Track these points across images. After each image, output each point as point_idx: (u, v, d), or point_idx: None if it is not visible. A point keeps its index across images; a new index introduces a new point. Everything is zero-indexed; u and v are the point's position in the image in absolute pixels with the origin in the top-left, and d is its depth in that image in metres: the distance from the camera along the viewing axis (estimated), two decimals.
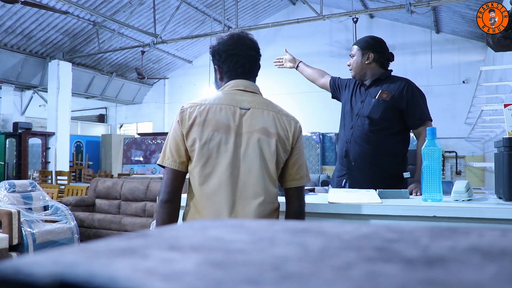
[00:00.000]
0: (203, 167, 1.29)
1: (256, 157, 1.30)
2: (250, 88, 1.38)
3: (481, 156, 8.84)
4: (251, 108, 1.33)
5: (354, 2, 8.31)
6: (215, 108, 1.31)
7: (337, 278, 0.22)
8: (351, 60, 2.22)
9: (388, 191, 1.71)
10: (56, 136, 9.21)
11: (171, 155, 1.32)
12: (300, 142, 1.40)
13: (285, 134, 1.34)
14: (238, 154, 1.29)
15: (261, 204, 1.29)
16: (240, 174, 1.29)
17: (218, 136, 1.29)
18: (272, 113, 1.35)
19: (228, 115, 1.31)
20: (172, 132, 1.34)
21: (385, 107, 2.07)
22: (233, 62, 1.38)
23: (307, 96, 10.03)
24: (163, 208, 1.32)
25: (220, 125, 1.29)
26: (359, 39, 2.31)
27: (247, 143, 1.30)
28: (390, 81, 2.16)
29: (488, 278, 0.22)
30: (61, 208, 4.46)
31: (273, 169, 1.32)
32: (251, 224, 0.37)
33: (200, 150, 1.28)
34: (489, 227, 0.37)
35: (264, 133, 1.31)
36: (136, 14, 8.75)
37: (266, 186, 1.30)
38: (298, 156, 1.38)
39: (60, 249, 0.27)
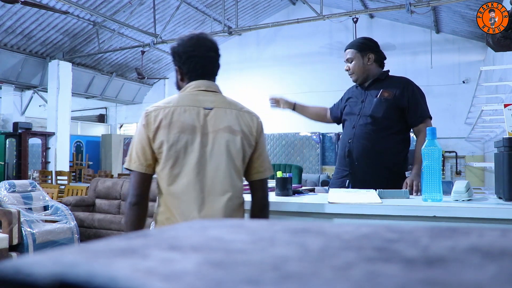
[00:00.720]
0: (171, 168, 1.33)
1: (222, 155, 1.35)
2: (212, 88, 1.43)
3: (481, 156, 8.83)
4: (214, 108, 1.38)
5: (354, 2, 8.31)
6: (180, 110, 1.35)
7: (337, 278, 0.22)
8: (350, 65, 2.18)
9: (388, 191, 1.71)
10: (56, 136, 9.21)
11: (138, 159, 1.35)
12: (262, 136, 1.46)
13: (248, 131, 1.41)
14: (205, 153, 1.34)
15: (229, 199, 1.35)
16: (207, 172, 1.34)
17: (185, 137, 1.33)
18: (235, 111, 1.40)
19: (193, 116, 1.35)
20: (137, 136, 1.37)
21: (387, 105, 2.08)
22: (193, 63, 1.41)
23: (307, 96, 10.02)
24: (132, 210, 1.35)
25: (185, 126, 1.33)
26: (353, 43, 2.25)
27: (213, 142, 1.35)
28: (390, 80, 2.18)
29: (488, 278, 0.22)
30: (61, 208, 4.46)
31: (240, 165, 1.39)
32: (251, 224, 0.37)
33: (168, 151, 1.32)
34: (489, 227, 0.37)
35: (229, 131, 1.37)
36: (136, 14, 8.75)
37: (233, 182, 1.36)
38: (261, 150, 1.45)
39: (60, 249, 0.27)
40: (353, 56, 2.18)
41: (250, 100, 10.56)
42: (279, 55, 10.61)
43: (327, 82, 9.16)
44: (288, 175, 1.86)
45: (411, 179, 1.96)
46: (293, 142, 9.70)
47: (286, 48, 10.52)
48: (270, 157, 9.59)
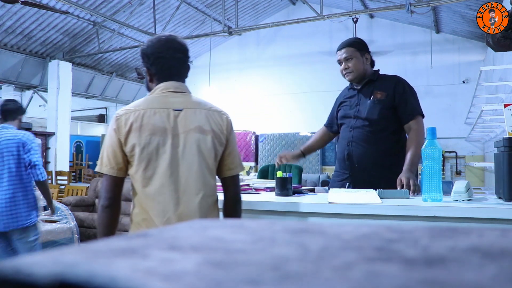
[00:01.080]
0: (144, 171, 1.35)
1: (194, 155, 1.37)
2: (180, 89, 1.44)
3: (481, 156, 8.83)
4: (184, 109, 1.40)
5: (354, 2, 8.31)
6: (150, 112, 1.37)
7: (337, 278, 0.22)
8: (349, 64, 2.17)
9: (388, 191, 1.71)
10: (56, 136, 9.21)
11: (109, 162, 1.37)
12: (232, 134, 1.48)
13: (219, 129, 1.43)
14: (177, 154, 1.36)
15: (203, 198, 1.37)
16: (180, 172, 1.36)
17: (156, 139, 1.35)
18: (204, 111, 1.42)
19: (163, 118, 1.37)
20: (108, 140, 1.39)
21: (381, 107, 2.10)
22: (161, 65, 1.43)
23: (307, 96, 10.03)
24: (104, 212, 1.38)
25: (156, 129, 1.35)
26: (350, 42, 2.25)
27: (184, 143, 1.37)
28: (381, 80, 2.19)
29: (488, 278, 0.22)
30: (61, 208, 4.46)
31: (212, 163, 1.41)
32: (251, 224, 0.37)
33: (140, 154, 1.34)
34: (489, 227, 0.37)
35: (200, 131, 1.39)
36: (136, 14, 8.75)
37: (206, 181, 1.39)
38: (232, 147, 1.47)
39: (60, 249, 0.27)
40: (352, 54, 2.17)
41: (250, 100, 10.59)
42: (279, 55, 10.61)
43: (327, 82, 9.15)
44: (288, 175, 1.87)
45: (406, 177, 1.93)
46: (293, 142, 9.69)
47: (286, 48, 10.52)
48: (270, 157, 9.46)
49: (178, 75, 1.46)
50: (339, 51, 2.22)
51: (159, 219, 1.34)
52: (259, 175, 3.59)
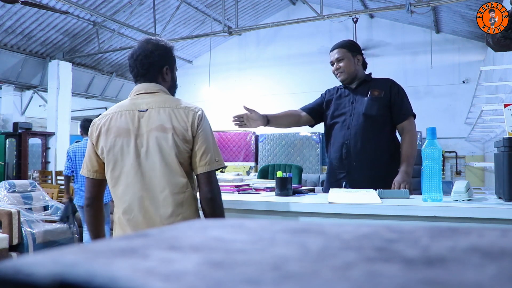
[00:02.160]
0: (112, 171, 1.44)
1: (156, 154, 1.40)
2: (151, 89, 1.49)
3: (481, 156, 8.83)
4: (149, 109, 1.44)
5: (354, 2, 8.30)
6: (117, 116, 1.46)
7: (337, 278, 0.22)
8: (341, 64, 2.22)
9: (388, 191, 1.71)
10: (56, 136, 9.21)
11: (86, 166, 1.51)
12: (202, 129, 1.45)
13: (182, 126, 1.42)
14: (140, 154, 1.41)
15: (168, 196, 1.40)
16: (144, 171, 1.41)
17: (120, 141, 1.43)
18: (168, 109, 1.43)
19: (128, 120, 1.44)
20: (87, 145, 1.54)
21: (379, 104, 2.13)
22: (129, 67, 1.55)
23: (307, 96, 9.98)
24: (86, 211, 1.53)
25: (121, 131, 1.43)
26: (342, 43, 2.30)
27: (147, 143, 1.41)
28: (375, 81, 2.24)
29: (488, 278, 0.22)
30: (61, 208, 4.46)
31: (174, 161, 1.41)
32: (251, 224, 0.37)
33: (107, 156, 1.44)
34: (489, 227, 0.37)
35: (161, 129, 1.41)
36: (136, 14, 8.75)
37: (169, 179, 1.40)
38: (201, 142, 1.44)
39: (60, 249, 0.27)
40: (343, 55, 2.22)
41: (250, 100, 10.58)
42: (279, 55, 10.60)
43: (327, 82, 9.11)
44: (288, 175, 1.87)
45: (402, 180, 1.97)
46: (293, 142, 9.69)
47: (286, 48, 10.51)
48: (270, 157, 9.42)
49: (146, 75, 1.51)
50: (331, 52, 2.28)
51: (126, 216, 1.42)
52: (259, 175, 3.59)
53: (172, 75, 1.58)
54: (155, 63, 1.51)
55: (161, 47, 1.53)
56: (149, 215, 1.40)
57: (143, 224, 1.41)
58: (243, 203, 1.71)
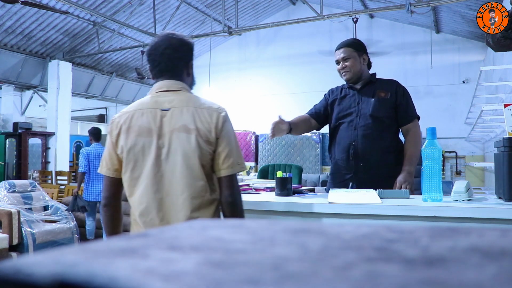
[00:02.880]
0: (131, 172, 1.38)
1: (178, 155, 1.34)
2: (173, 87, 1.42)
3: (481, 156, 8.83)
4: (171, 108, 1.38)
5: (354, 2, 8.31)
6: (138, 114, 1.39)
7: (337, 278, 0.22)
8: (347, 63, 2.19)
9: (388, 191, 1.71)
10: (56, 136, 9.21)
11: (105, 164, 1.43)
12: (225, 131, 1.39)
13: (205, 127, 1.36)
14: (161, 154, 1.35)
15: (187, 199, 1.34)
16: (164, 173, 1.35)
17: (141, 141, 1.36)
18: (192, 109, 1.37)
19: (149, 119, 1.37)
20: (106, 142, 1.46)
21: (385, 105, 2.12)
22: (151, 62, 1.45)
23: (307, 96, 10.02)
24: (103, 211, 1.46)
25: (142, 130, 1.37)
26: (348, 42, 2.27)
27: (169, 143, 1.35)
28: (380, 82, 2.23)
29: (488, 278, 0.22)
30: (61, 208, 4.46)
31: (196, 164, 1.35)
32: (251, 224, 0.37)
33: (127, 155, 1.38)
34: (489, 227, 0.37)
35: (184, 130, 1.35)
36: (136, 14, 8.74)
37: (189, 182, 1.34)
38: (224, 145, 1.38)
39: (60, 249, 0.27)
40: (350, 54, 2.19)
41: (250, 100, 10.58)
42: (279, 55, 10.60)
43: (327, 82, 9.10)
44: (288, 175, 1.87)
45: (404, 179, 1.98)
46: (293, 142, 9.69)
47: (286, 48, 10.51)
48: (270, 157, 9.41)
49: (170, 72, 1.44)
50: (337, 51, 2.24)
51: (143, 219, 1.37)
52: (259, 175, 3.59)
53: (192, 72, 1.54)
54: (183, 58, 1.46)
55: (186, 42, 1.48)
56: (166, 219, 1.35)
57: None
58: (243, 203, 1.71)
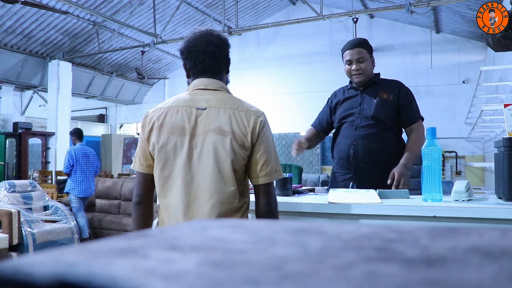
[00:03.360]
0: (162, 170, 1.32)
1: (210, 158, 1.28)
2: (212, 86, 1.37)
3: (481, 156, 8.83)
4: (208, 108, 1.32)
5: (354, 2, 8.30)
6: (172, 111, 1.33)
7: (337, 278, 0.22)
8: (362, 65, 2.12)
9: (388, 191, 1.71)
10: (56, 136, 9.21)
11: (139, 160, 1.38)
12: (263, 137, 1.33)
13: (242, 131, 1.30)
14: (193, 155, 1.29)
15: (215, 205, 1.28)
16: (194, 175, 1.29)
17: (174, 139, 1.30)
18: (229, 111, 1.31)
19: (184, 117, 1.31)
20: (139, 138, 1.40)
21: (387, 106, 2.11)
22: (193, 59, 1.38)
23: (307, 96, 10.03)
24: (135, 209, 1.39)
25: (175, 128, 1.31)
26: (361, 42, 2.19)
27: (202, 144, 1.29)
28: (383, 83, 2.20)
29: (488, 278, 0.22)
30: (61, 208, 4.46)
31: (229, 169, 1.29)
32: (251, 224, 0.37)
33: (158, 153, 1.32)
34: (489, 227, 0.37)
35: (219, 132, 1.29)
36: (136, 14, 8.75)
37: (220, 187, 1.28)
38: (262, 151, 1.32)
39: (60, 249, 0.27)
40: (364, 56, 2.14)
41: (250, 100, 10.56)
42: (279, 55, 10.60)
43: (327, 82, 9.14)
44: (288, 175, 1.86)
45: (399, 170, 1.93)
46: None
47: (286, 48, 10.51)
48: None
49: (212, 70, 1.39)
50: (350, 50, 2.14)
51: (170, 220, 1.32)
52: None
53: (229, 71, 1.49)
54: (225, 55, 1.43)
55: (225, 39, 1.43)
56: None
57: None
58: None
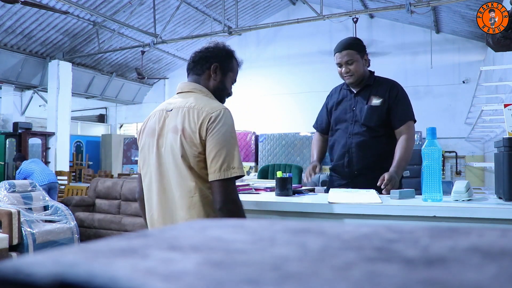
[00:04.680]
0: (143, 169, 1.49)
1: (169, 155, 1.40)
2: (186, 88, 1.49)
3: (481, 156, 8.83)
4: (173, 109, 1.43)
5: (354, 2, 8.30)
6: (152, 116, 1.49)
7: (337, 278, 0.22)
8: (350, 67, 2.08)
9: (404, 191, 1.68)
10: (56, 136, 9.21)
11: (138, 161, 1.55)
12: (214, 132, 1.33)
13: (191, 128, 1.34)
14: (160, 154, 1.43)
15: (179, 198, 1.39)
16: (163, 172, 1.42)
17: (148, 141, 1.46)
18: (185, 110, 1.39)
19: (156, 120, 1.45)
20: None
21: (378, 113, 2.07)
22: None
23: (307, 96, 10.03)
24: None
25: (149, 131, 1.47)
26: (350, 43, 2.13)
27: (165, 143, 1.42)
28: (377, 84, 2.14)
29: (488, 278, 0.22)
30: (61, 208, 4.46)
31: (182, 164, 1.36)
32: (251, 224, 0.37)
33: (140, 154, 1.51)
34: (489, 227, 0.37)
35: (174, 131, 1.39)
36: (136, 14, 8.75)
37: (179, 181, 1.38)
38: (212, 147, 1.33)
39: (60, 249, 0.27)
40: (353, 57, 2.08)
41: (250, 100, 10.58)
42: (279, 55, 10.60)
43: (327, 82, 9.10)
44: (288, 175, 1.86)
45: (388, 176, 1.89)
46: (293, 142, 9.69)
47: (286, 48, 10.51)
48: (270, 157, 9.37)
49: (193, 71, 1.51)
50: (339, 53, 2.11)
51: (148, 214, 1.48)
52: (259, 175, 3.59)
53: (223, 79, 1.50)
54: (206, 58, 1.48)
55: (219, 46, 1.51)
56: (162, 216, 1.41)
57: (158, 224, 1.43)
58: (243, 203, 1.70)
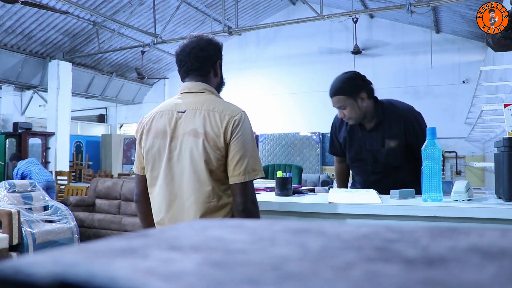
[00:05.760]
0: (151, 171, 1.44)
1: (186, 159, 1.36)
2: (195, 88, 1.43)
3: (481, 156, 8.83)
4: (186, 111, 1.38)
5: (354, 2, 8.30)
6: (158, 116, 1.43)
7: (337, 278, 0.22)
8: (345, 112, 1.98)
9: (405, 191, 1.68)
10: (56, 136, 9.21)
11: (135, 163, 1.52)
12: (237, 136, 1.34)
13: (214, 132, 1.33)
14: (173, 157, 1.38)
15: (193, 203, 1.35)
16: (174, 175, 1.38)
17: (157, 142, 1.41)
18: (204, 112, 1.36)
19: (165, 121, 1.40)
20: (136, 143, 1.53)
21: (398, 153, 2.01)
22: (179, 62, 1.47)
23: (307, 96, 10.03)
24: (136, 207, 1.56)
25: (158, 132, 1.41)
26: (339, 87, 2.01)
27: (180, 146, 1.37)
28: (388, 120, 2.02)
29: (488, 278, 0.22)
30: (61, 208, 4.46)
31: (203, 169, 1.34)
32: (251, 224, 0.37)
33: (146, 156, 1.44)
34: (489, 227, 0.37)
35: (193, 134, 1.35)
36: (136, 14, 8.75)
37: (195, 187, 1.35)
38: (236, 151, 1.34)
39: (60, 249, 0.27)
40: (344, 103, 1.97)
41: (250, 100, 10.58)
42: (279, 55, 10.60)
43: (327, 82, 9.06)
44: (288, 175, 1.86)
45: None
46: (293, 142, 9.70)
47: (286, 48, 10.51)
48: (270, 157, 9.40)
49: (196, 71, 1.44)
50: (331, 98, 2.04)
51: (156, 218, 1.43)
52: None
53: (221, 73, 1.52)
54: (210, 57, 1.45)
55: (214, 42, 1.48)
56: (173, 221, 1.37)
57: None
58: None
